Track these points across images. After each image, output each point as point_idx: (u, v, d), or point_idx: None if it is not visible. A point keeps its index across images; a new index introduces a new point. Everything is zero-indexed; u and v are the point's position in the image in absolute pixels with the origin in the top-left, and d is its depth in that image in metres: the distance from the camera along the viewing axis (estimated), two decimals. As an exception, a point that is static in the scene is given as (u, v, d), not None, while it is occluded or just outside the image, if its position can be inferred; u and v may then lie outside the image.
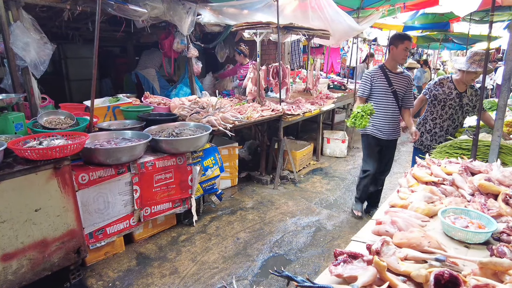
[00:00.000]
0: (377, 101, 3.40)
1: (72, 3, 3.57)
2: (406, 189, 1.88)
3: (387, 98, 3.39)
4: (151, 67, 6.01)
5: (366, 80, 3.42)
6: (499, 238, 1.39)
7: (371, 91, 3.42)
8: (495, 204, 1.55)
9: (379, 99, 3.40)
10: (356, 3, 6.01)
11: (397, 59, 3.33)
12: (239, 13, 5.02)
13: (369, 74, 3.42)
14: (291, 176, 4.96)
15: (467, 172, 1.90)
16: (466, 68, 3.13)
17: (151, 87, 5.88)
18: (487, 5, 4.67)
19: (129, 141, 3.08)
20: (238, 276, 2.81)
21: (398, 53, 3.28)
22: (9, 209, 2.16)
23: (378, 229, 1.46)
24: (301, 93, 6.29)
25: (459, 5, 5.18)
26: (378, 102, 3.40)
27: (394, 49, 3.30)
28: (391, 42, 3.35)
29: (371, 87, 3.40)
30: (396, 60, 3.34)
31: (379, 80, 3.37)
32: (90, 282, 2.71)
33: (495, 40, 9.49)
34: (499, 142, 2.27)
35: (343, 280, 1.13)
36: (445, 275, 1.03)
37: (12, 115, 2.66)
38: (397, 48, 3.26)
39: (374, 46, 10.70)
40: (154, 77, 5.95)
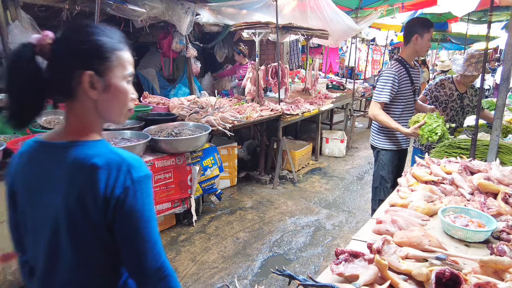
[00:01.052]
0: (399, 105, 2.79)
1: (71, 3, 3.56)
2: (406, 188, 1.88)
3: (408, 100, 2.81)
4: (151, 67, 6.02)
5: (393, 80, 2.67)
6: (499, 236, 1.40)
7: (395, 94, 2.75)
8: (495, 203, 1.56)
9: (401, 102, 2.78)
10: (354, 3, 6.02)
11: (420, 52, 2.76)
12: (237, 13, 5.02)
13: (395, 73, 2.68)
14: (290, 176, 4.97)
15: (466, 171, 1.90)
16: (463, 72, 3.04)
17: (151, 87, 5.87)
18: (485, 5, 4.69)
19: (128, 141, 3.07)
20: (238, 276, 2.81)
21: (423, 44, 2.67)
22: (8, 209, 2.15)
23: (378, 228, 1.46)
24: (300, 93, 6.30)
25: (457, 5, 5.20)
26: (400, 106, 2.80)
27: (418, 38, 2.66)
28: (414, 29, 2.68)
29: (397, 89, 2.71)
30: (418, 52, 2.77)
31: (404, 79, 2.72)
32: (90, 282, 2.70)
33: (493, 40, 9.53)
34: (497, 142, 2.28)
35: (344, 278, 1.13)
36: (446, 273, 1.04)
37: (11, 115, 2.65)
38: (422, 38, 2.65)
39: (372, 46, 10.72)
40: (154, 77, 5.95)
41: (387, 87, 2.69)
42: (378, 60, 11.60)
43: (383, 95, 2.71)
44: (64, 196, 0.86)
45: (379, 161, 2.99)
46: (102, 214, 0.85)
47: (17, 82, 0.85)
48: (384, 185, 3.00)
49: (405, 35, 2.80)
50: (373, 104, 2.79)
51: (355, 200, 4.36)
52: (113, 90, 0.91)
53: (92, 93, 0.88)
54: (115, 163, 0.87)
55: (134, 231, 0.87)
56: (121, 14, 3.93)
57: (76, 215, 0.86)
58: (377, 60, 11.61)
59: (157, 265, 0.90)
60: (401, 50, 2.88)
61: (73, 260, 0.90)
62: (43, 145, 0.94)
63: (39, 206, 0.92)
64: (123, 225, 0.87)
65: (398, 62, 2.76)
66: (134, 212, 0.87)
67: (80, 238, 0.88)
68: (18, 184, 0.97)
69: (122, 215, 0.86)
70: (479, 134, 2.79)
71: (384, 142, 2.91)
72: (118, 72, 0.91)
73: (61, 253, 0.90)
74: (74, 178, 0.86)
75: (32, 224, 0.95)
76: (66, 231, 0.87)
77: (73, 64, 0.86)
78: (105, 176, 0.84)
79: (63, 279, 0.92)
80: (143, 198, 0.89)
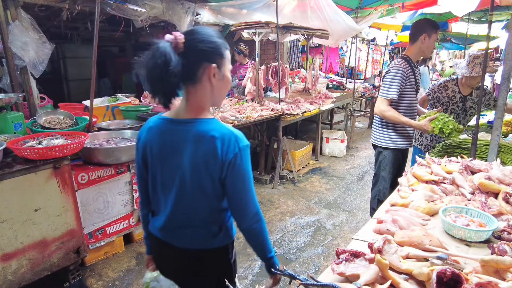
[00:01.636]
0: (404, 103, 2.79)
1: (71, 3, 3.56)
2: (407, 188, 1.88)
3: (412, 98, 2.81)
4: None
5: (402, 77, 2.68)
6: (500, 236, 1.39)
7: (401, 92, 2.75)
8: (496, 203, 1.55)
9: (406, 100, 2.79)
10: (354, 3, 6.02)
11: (426, 52, 2.78)
12: (238, 12, 5.02)
13: (403, 70, 2.69)
14: (290, 175, 4.96)
15: (467, 171, 1.90)
16: (469, 74, 3.00)
17: None
18: (486, 5, 4.68)
19: (129, 140, 3.07)
20: (239, 275, 2.81)
21: (430, 44, 2.71)
22: (8, 209, 2.15)
23: (379, 227, 1.46)
24: (300, 92, 6.30)
25: (458, 5, 5.19)
26: (405, 104, 2.79)
27: (426, 38, 2.68)
28: (422, 29, 2.69)
29: (404, 87, 2.72)
30: (424, 52, 2.78)
31: (410, 77, 2.73)
32: (90, 282, 2.70)
33: (493, 40, 9.52)
34: (498, 141, 2.28)
35: (345, 278, 1.13)
36: (447, 273, 1.03)
37: (11, 115, 2.65)
38: (429, 38, 2.68)
39: (372, 46, 10.72)
40: None
41: (396, 83, 2.68)
42: (378, 60, 11.60)
43: (391, 91, 2.69)
44: (191, 158, 1.19)
45: (381, 161, 2.97)
46: (219, 171, 1.19)
47: (158, 68, 1.07)
48: (384, 185, 2.99)
49: (412, 33, 2.78)
50: (381, 101, 2.76)
51: (356, 199, 4.36)
52: (225, 79, 1.24)
53: (213, 81, 1.19)
54: (227, 135, 1.18)
55: (241, 184, 1.22)
56: (121, 14, 3.93)
57: (201, 171, 1.20)
58: (377, 60, 11.61)
59: (255, 210, 1.26)
60: (407, 49, 2.87)
61: (194, 204, 1.26)
62: (170, 121, 1.25)
63: (169, 166, 1.25)
64: (233, 180, 1.21)
65: (405, 60, 2.75)
66: (241, 171, 1.20)
67: (201, 188, 1.22)
68: (150, 151, 1.28)
69: (233, 172, 1.19)
70: (480, 133, 2.79)
71: (386, 140, 2.89)
72: (228, 65, 1.24)
73: (185, 199, 1.25)
74: (198, 145, 1.18)
75: (162, 180, 1.28)
76: (190, 183, 1.22)
77: (202, 59, 1.16)
78: (221, 145, 1.16)
79: (185, 218, 1.29)
80: (246, 161, 1.23)
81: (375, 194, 3.05)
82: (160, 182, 1.29)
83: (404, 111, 2.77)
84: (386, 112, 2.72)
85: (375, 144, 3.01)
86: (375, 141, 3.00)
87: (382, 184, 2.95)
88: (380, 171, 2.96)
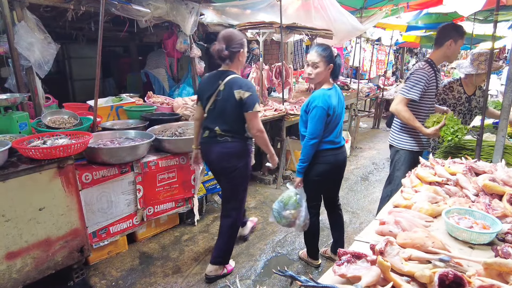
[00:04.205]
0: (423, 107, 2.78)
1: (76, 3, 3.58)
2: (410, 189, 1.87)
3: (431, 103, 2.80)
4: (161, 67, 6.03)
5: (426, 80, 2.66)
6: (504, 238, 1.38)
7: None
8: (500, 205, 1.54)
9: (425, 105, 2.77)
10: (359, 3, 5.99)
11: (451, 57, 2.77)
12: (241, 13, 5.02)
13: (427, 74, 2.66)
14: (293, 176, 4.96)
15: (471, 173, 1.88)
16: (475, 72, 2.99)
17: (162, 86, 5.89)
18: (492, 4, 4.63)
19: (132, 140, 3.09)
20: (241, 275, 2.81)
21: (455, 50, 2.68)
22: (13, 208, 2.17)
23: (381, 229, 1.45)
24: (304, 93, 6.29)
25: (463, 4, 5.15)
26: (423, 108, 2.78)
27: (452, 44, 2.65)
28: (449, 34, 2.66)
29: (426, 90, 2.69)
30: (449, 57, 2.76)
31: (432, 81, 2.70)
32: (94, 281, 2.72)
33: (499, 40, 9.42)
34: (503, 143, 2.26)
35: (346, 280, 1.12)
36: (449, 275, 1.02)
37: (16, 115, 2.68)
38: (455, 44, 2.65)
39: (377, 46, 10.66)
40: (164, 77, 5.97)
41: (419, 85, 2.65)
42: (383, 60, 11.54)
43: (413, 91, 2.66)
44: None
45: (396, 161, 2.94)
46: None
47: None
48: (397, 187, 2.96)
49: (438, 38, 2.74)
50: (400, 99, 2.72)
51: (359, 200, 4.34)
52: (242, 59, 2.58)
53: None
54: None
55: None
56: (126, 14, 3.94)
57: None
58: (382, 60, 11.55)
59: (307, 134, 2.52)
60: (432, 53, 2.84)
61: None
62: None
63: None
64: None
65: (429, 64, 2.72)
66: None
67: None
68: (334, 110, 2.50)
69: None
70: (485, 134, 2.76)
71: (404, 141, 2.86)
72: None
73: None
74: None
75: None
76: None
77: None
78: None
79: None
80: None
81: (386, 194, 3.03)
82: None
83: (422, 114, 2.76)
84: (402, 111, 2.70)
85: (392, 144, 2.99)
86: (392, 141, 2.98)
87: (395, 184, 2.92)
88: (395, 171, 2.93)
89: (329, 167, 2.60)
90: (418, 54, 16.10)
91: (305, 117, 2.53)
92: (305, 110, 2.53)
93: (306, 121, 2.52)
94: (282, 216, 2.56)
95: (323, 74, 2.46)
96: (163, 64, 6.07)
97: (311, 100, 2.47)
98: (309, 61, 2.47)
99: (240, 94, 2.37)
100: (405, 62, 14.92)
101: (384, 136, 7.91)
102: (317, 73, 2.44)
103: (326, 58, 2.42)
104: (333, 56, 2.46)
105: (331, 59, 2.44)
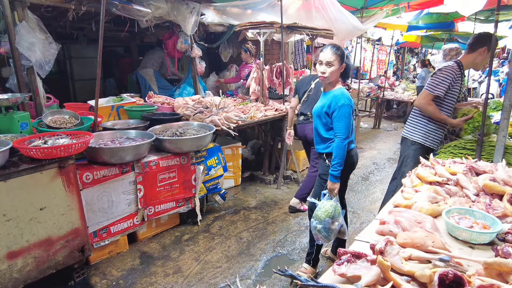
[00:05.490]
0: (444, 105, 2.81)
1: (77, 3, 3.58)
2: (410, 189, 1.87)
3: (452, 103, 2.82)
4: (149, 66, 6.01)
5: (452, 79, 2.71)
6: (504, 238, 1.38)
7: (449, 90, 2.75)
8: (500, 205, 1.54)
9: (446, 104, 2.80)
10: (360, 3, 5.99)
11: (479, 64, 2.82)
12: (242, 13, 5.02)
13: (455, 73, 2.71)
14: (294, 176, 4.96)
15: (471, 172, 1.89)
16: None
17: (147, 86, 5.87)
18: (493, 4, 4.63)
19: (133, 140, 3.09)
20: (241, 275, 2.81)
21: (485, 57, 2.71)
22: (14, 207, 2.18)
23: (381, 229, 1.45)
24: (305, 93, 6.27)
25: (464, 4, 5.14)
26: (444, 106, 2.81)
27: (485, 51, 2.69)
28: (484, 42, 2.70)
29: (449, 89, 2.74)
30: (477, 64, 2.81)
31: (457, 82, 2.74)
32: (94, 280, 2.73)
33: (500, 39, 9.40)
34: (504, 142, 2.26)
35: (346, 279, 1.12)
36: (449, 275, 1.03)
37: (17, 115, 2.68)
38: (487, 52, 2.67)
39: (378, 46, 10.65)
40: (151, 77, 5.93)
41: (446, 83, 2.71)
42: (383, 60, 11.53)
43: (439, 88, 2.73)
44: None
45: (405, 156, 2.98)
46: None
47: None
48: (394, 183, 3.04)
49: (472, 43, 2.78)
50: (426, 94, 2.79)
51: (360, 200, 4.34)
52: None
53: None
54: None
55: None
56: (126, 14, 3.95)
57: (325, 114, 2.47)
58: (383, 60, 11.54)
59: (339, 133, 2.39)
60: (463, 56, 2.87)
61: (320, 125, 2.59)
62: None
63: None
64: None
65: (458, 65, 2.76)
66: None
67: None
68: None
69: None
70: (486, 134, 2.75)
71: (418, 135, 2.89)
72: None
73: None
74: None
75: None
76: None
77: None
78: None
79: None
80: None
81: (391, 190, 3.07)
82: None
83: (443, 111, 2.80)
84: (429, 105, 2.77)
85: (405, 137, 3.02)
86: (407, 134, 3.00)
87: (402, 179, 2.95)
88: (403, 167, 2.98)
89: (353, 167, 2.63)
90: (419, 54, 16.08)
91: (325, 119, 2.46)
92: (325, 112, 2.43)
93: (326, 123, 2.46)
94: (331, 231, 2.33)
95: (336, 73, 2.42)
96: (152, 64, 6.05)
97: (334, 100, 2.38)
98: (323, 60, 2.39)
99: None
100: (406, 62, 14.91)
101: (385, 136, 7.91)
102: (331, 71, 2.37)
103: (340, 57, 2.38)
104: (345, 56, 2.43)
105: (343, 59, 2.41)
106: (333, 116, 2.39)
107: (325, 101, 2.45)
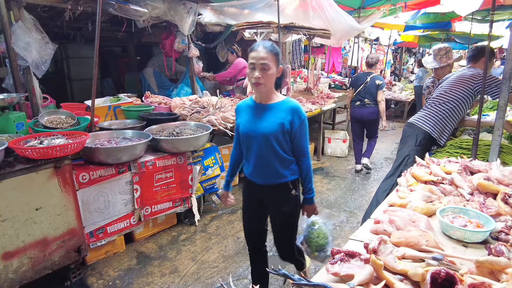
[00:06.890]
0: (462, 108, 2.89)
1: (73, 3, 3.58)
2: (405, 188, 1.88)
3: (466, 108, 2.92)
4: (149, 66, 6.04)
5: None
6: (497, 237, 1.39)
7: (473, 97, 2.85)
8: (494, 203, 1.55)
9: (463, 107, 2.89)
10: (357, 3, 6.00)
11: None
12: (239, 12, 5.02)
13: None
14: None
15: (466, 172, 1.89)
16: (439, 65, 3.37)
17: (147, 85, 5.90)
18: (489, 4, 4.65)
19: (130, 140, 3.09)
20: (238, 275, 2.82)
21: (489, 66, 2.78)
22: (10, 208, 2.17)
23: (376, 228, 1.46)
24: (302, 92, 6.29)
25: (461, 4, 5.17)
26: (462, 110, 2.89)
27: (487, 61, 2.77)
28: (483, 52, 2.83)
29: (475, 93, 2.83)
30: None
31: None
32: (91, 281, 2.72)
33: (497, 39, 9.44)
34: (499, 142, 2.27)
35: (339, 278, 1.13)
36: (441, 273, 1.03)
37: (13, 115, 2.68)
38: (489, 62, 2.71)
39: (375, 45, 10.67)
40: (150, 76, 5.95)
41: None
42: (381, 59, 11.55)
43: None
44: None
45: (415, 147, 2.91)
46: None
47: None
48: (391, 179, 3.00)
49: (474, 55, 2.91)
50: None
51: (357, 200, 4.35)
52: None
53: None
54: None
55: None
56: (123, 14, 3.94)
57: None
58: (380, 60, 11.56)
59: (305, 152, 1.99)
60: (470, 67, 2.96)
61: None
62: None
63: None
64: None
65: None
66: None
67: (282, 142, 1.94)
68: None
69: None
70: (481, 134, 2.77)
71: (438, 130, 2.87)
72: None
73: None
74: None
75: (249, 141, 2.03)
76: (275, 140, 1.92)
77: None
78: None
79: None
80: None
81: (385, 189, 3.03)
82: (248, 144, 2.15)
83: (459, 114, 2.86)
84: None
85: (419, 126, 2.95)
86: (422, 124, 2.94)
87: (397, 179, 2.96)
88: (402, 166, 2.95)
89: None
90: (417, 54, 16.12)
91: (283, 137, 1.90)
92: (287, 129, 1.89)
93: (285, 142, 1.92)
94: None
95: (273, 79, 1.89)
96: (152, 63, 6.09)
97: (296, 113, 1.88)
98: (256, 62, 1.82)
99: (378, 82, 4.81)
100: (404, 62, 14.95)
101: (382, 136, 7.92)
102: (268, 76, 1.83)
103: (277, 57, 1.85)
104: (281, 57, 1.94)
105: (280, 60, 1.89)
106: (296, 132, 1.91)
107: (279, 117, 1.88)
